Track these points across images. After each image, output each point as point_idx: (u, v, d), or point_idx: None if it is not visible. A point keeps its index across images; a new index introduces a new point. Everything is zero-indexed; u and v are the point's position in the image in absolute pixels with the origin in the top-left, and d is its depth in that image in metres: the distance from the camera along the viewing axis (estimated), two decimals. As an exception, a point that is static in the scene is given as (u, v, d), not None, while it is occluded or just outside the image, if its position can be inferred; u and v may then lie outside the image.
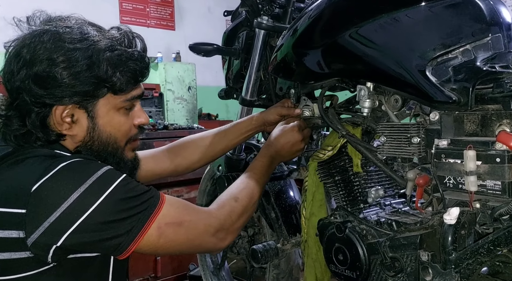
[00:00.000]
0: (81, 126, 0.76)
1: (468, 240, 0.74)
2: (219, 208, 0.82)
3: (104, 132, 0.77)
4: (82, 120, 0.75)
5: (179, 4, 4.74)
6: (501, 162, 0.65)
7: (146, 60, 0.80)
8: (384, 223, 0.87)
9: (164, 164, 1.07)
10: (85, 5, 3.45)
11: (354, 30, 0.86)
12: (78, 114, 0.75)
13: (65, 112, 0.74)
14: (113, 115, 0.77)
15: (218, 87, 1.58)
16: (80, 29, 0.74)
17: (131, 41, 0.78)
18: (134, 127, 0.82)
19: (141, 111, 0.83)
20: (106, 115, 0.76)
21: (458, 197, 0.72)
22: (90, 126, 0.76)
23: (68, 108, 0.74)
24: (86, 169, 0.69)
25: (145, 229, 0.69)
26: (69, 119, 0.74)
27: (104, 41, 0.74)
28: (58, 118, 0.73)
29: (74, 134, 0.76)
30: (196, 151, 1.09)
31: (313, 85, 1.02)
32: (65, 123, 0.74)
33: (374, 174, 1.00)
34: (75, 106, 0.74)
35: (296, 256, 1.35)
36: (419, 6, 0.80)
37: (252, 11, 1.22)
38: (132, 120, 0.81)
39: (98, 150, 0.78)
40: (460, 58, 0.76)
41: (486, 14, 0.77)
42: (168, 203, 0.73)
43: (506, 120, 0.70)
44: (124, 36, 0.77)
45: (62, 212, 0.65)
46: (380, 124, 0.88)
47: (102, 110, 0.76)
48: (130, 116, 0.81)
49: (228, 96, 1.46)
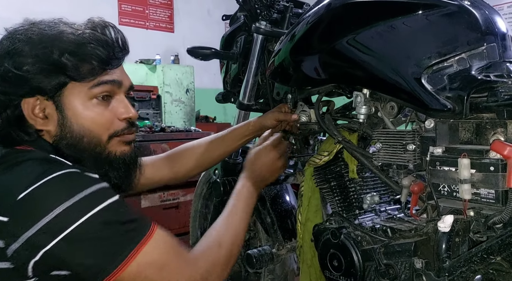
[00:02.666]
0: (53, 120, 0.73)
1: (462, 248, 0.75)
2: (204, 256, 0.75)
3: (75, 124, 0.73)
4: (53, 114, 0.73)
5: (178, 6, 4.75)
6: (495, 170, 0.65)
7: (114, 46, 0.75)
8: (379, 230, 0.87)
9: (163, 171, 1.06)
10: (84, 7, 3.45)
11: (351, 37, 0.86)
12: (48, 108, 0.73)
13: (36, 108, 0.72)
14: (85, 106, 0.73)
15: (216, 90, 1.59)
16: (49, 24, 0.73)
17: (103, 30, 0.75)
18: (120, 122, 0.77)
19: (123, 103, 0.77)
20: (77, 106, 0.73)
21: (452, 205, 0.72)
22: (59, 119, 0.73)
23: (38, 102, 0.72)
24: (78, 182, 0.66)
25: (126, 262, 0.64)
26: (41, 114, 0.72)
27: (64, 29, 0.72)
28: (29, 113, 0.72)
29: (49, 129, 0.73)
30: (194, 158, 1.09)
31: (310, 91, 1.03)
32: (38, 118, 0.72)
33: (370, 180, 1.01)
34: (42, 99, 0.72)
35: (291, 261, 1.35)
36: (415, 14, 0.81)
37: (250, 16, 1.22)
38: (115, 114, 0.77)
39: (73, 143, 0.73)
40: (455, 67, 0.76)
41: (481, 23, 0.78)
42: (156, 239, 0.68)
43: (500, 129, 0.71)
44: (94, 24, 0.75)
45: (44, 225, 0.62)
46: (376, 131, 0.89)
47: (69, 100, 0.73)
48: (110, 108, 0.76)
49: (225, 100, 1.46)
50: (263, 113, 1.17)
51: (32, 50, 0.70)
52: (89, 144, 0.75)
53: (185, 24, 4.77)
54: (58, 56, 0.70)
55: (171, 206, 2.15)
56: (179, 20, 4.75)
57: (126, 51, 0.78)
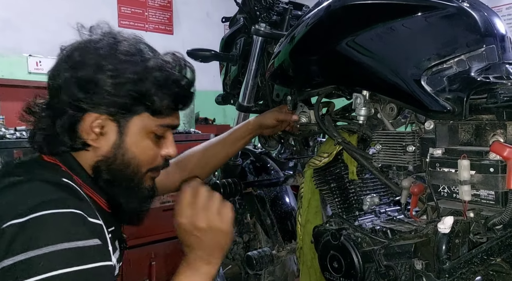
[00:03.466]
0: (107, 140, 0.72)
1: (462, 249, 0.75)
2: None
3: (129, 152, 0.73)
4: (110, 134, 0.72)
5: (177, 8, 4.75)
6: (495, 172, 0.65)
7: (191, 90, 0.78)
8: (379, 231, 0.87)
9: (174, 178, 1.04)
10: (84, 8, 3.45)
11: (351, 38, 0.86)
12: (109, 126, 0.72)
13: (96, 122, 0.71)
14: (143, 137, 0.74)
15: (215, 92, 1.59)
16: (135, 45, 0.73)
17: (182, 69, 0.77)
18: (160, 158, 0.78)
19: (171, 143, 0.79)
20: (136, 135, 0.73)
21: (452, 206, 0.72)
22: (116, 142, 0.73)
23: (101, 118, 0.71)
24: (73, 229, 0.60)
25: None
26: (97, 130, 0.71)
27: (155, 60, 0.73)
28: (87, 126, 0.71)
29: (99, 146, 0.72)
30: (200, 162, 1.09)
31: (309, 92, 1.03)
32: (93, 133, 0.71)
33: (370, 182, 1.01)
34: (108, 117, 0.71)
35: (291, 263, 1.35)
36: (414, 16, 0.81)
37: (250, 18, 1.23)
38: (160, 150, 0.77)
39: (118, 169, 0.73)
40: (454, 69, 0.77)
41: (480, 25, 0.78)
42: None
43: (500, 130, 0.71)
44: (176, 62, 0.77)
45: (21, 260, 0.56)
46: (375, 132, 0.89)
47: (133, 128, 0.73)
48: (159, 145, 0.77)
49: (225, 102, 1.46)
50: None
51: (123, 72, 0.70)
52: (132, 173, 0.75)
53: (184, 26, 4.77)
54: (148, 88, 0.71)
55: (172, 208, 2.14)
56: (178, 22, 4.75)
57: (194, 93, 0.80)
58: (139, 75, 0.71)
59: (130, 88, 0.70)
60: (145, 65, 0.72)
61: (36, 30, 3.13)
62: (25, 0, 3.18)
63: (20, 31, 3.12)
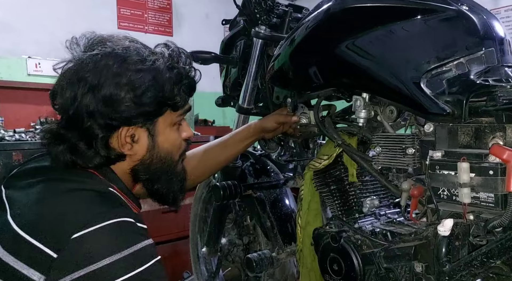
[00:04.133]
0: (141, 145, 0.75)
1: (462, 251, 0.75)
2: None
3: (163, 149, 0.77)
4: (142, 139, 0.75)
5: (177, 10, 4.76)
6: (494, 174, 0.65)
7: (196, 76, 0.82)
8: (379, 233, 0.87)
9: None
10: (84, 10, 3.45)
11: (351, 41, 0.87)
12: (139, 133, 0.75)
13: (128, 132, 0.73)
14: (170, 131, 0.78)
15: (214, 94, 1.59)
16: (136, 50, 0.74)
17: (179, 56, 0.79)
18: (183, 142, 0.83)
19: (187, 125, 0.84)
20: (164, 132, 0.77)
21: (452, 209, 0.72)
22: (150, 145, 0.76)
23: (131, 128, 0.73)
24: (129, 236, 0.66)
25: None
26: (129, 139, 0.74)
27: (161, 60, 0.75)
28: (123, 139, 0.73)
29: (134, 153, 0.75)
30: (200, 165, 1.10)
31: (309, 95, 1.03)
32: (127, 143, 0.74)
33: (370, 184, 1.01)
34: (138, 126, 0.74)
35: (291, 265, 1.35)
36: (414, 19, 0.82)
37: (250, 21, 1.23)
38: (181, 135, 0.82)
39: (156, 167, 0.77)
40: (454, 71, 0.77)
41: (479, 28, 0.79)
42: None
43: (499, 133, 0.71)
44: (173, 53, 0.79)
45: (88, 273, 0.61)
46: (375, 135, 0.89)
47: (161, 127, 0.77)
48: (180, 131, 0.82)
49: (225, 104, 1.46)
50: (263, 117, 1.17)
51: (142, 83, 0.71)
52: (168, 165, 0.79)
53: (184, 28, 4.78)
54: (170, 90, 0.74)
55: (170, 211, 2.14)
56: (178, 24, 4.76)
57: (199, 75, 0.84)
58: (156, 81, 0.73)
59: (152, 95, 0.72)
60: (157, 69, 0.73)
61: (35, 32, 3.13)
62: (24, 2, 3.18)
63: (19, 33, 3.12)
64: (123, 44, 0.75)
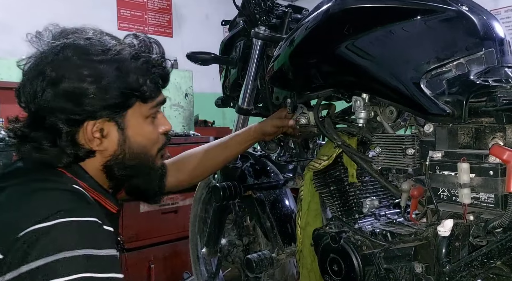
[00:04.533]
0: (111, 140, 0.72)
1: (462, 252, 0.74)
2: None
3: (135, 144, 0.74)
4: (112, 134, 0.72)
5: (177, 11, 4.76)
6: (494, 175, 0.65)
7: (167, 65, 0.78)
8: (379, 234, 0.87)
9: (170, 179, 1.03)
10: (84, 11, 3.45)
11: (350, 42, 0.87)
12: (108, 127, 0.72)
13: (94, 127, 0.70)
14: (142, 124, 0.75)
15: (214, 94, 1.59)
16: (100, 40, 0.72)
17: (150, 47, 0.77)
18: (161, 136, 0.80)
19: (164, 118, 0.81)
20: (136, 125, 0.74)
21: (452, 209, 0.72)
22: (121, 139, 0.73)
23: (98, 122, 0.71)
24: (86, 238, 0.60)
25: None
26: (98, 134, 0.71)
27: (126, 50, 0.72)
28: (89, 134, 0.70)
29: (104, 149, 0.72)
30: (197, 165, 1.09)
31: (309, 95, 1.03)
32: (96, 138, 0.71)
33: (369, 184, 1.01)
34: (104, 119, 0.71)
35: (291, 265, 1.34)
36: (414, 20, 0.82)
37: (249, 21, 1.23)
38: (158, 129, 0.79)
39: (130, 162, 0.75)
40: (454, 72, 0.77)
41: (479, 29, 0.79)
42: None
43: (499, 133, 0.71)
44: (142, 42, 0.76)
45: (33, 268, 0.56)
46: (375, 135, 0.89)
47: (131, 121, 0.73)
48: (155, 124, 0.79)
49: (225, 104, 1.46)
50: (262, 118, 1.17)
51: (105, 73, 0.68)
52: (144, 160, 0.76)
53: (184, 29, 4.78)
54: (135, 79, 0.71)
55: (170, 211, 2.14)
56: (178, 25, 4.76)
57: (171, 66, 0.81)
58: (120, 71, 0.70)
59: (117, 86, 0.69)
60: (120, 58, 0.70)
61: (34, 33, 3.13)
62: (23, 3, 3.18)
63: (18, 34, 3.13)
64: (86, 36, 0.72)
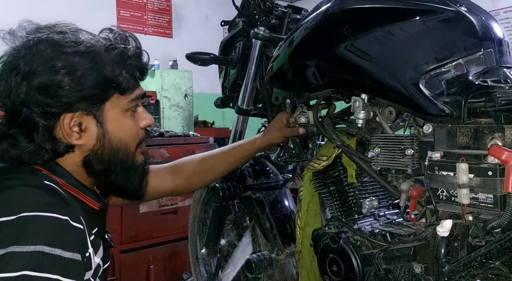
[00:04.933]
0: (90, 134, 0.72)
1: (461, 252, 0.75)
2: None
3: (114, 138, 0.74)
4: (91, 128, 0.72)
5: (176, 12, 4.77)
6: (493, 175, 0.65)
7: (144, 58, 0.78)
8: (378, 234, 0.87)
9: (166, 182, 1.04)
10: (83, 12, 3.46)
11: (349, 42, 0.87)
12: (86, 121, 0.71)
13: (72, 121, 0.70)
14: (121, 118, 0.74)
15: (214, 95, 1.59)
16: (74, 34, 0.71)
17: (125, 40, 0.76)
18: (141, 130, 0.79)
19: (145, 113, 0.80)
20: (115, 119, 0.73)
21: (451, 209, 0.72)
22: (99, 133, 0.72)
23: (76, 116, 0.70)
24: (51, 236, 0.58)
25: None
26: (77, 128, 0.70)
27: (101, 42, 0.72)
28: (67, 128, 0.69)
29: (83, 144, 0.72)
30: (197, 172, 1.06)
31: (308, 96, 1.03)
32: (74, 133, 0.70)
33: (369, 185, 1.01)
34: (82, 113, 0.70)
35: (290, 266, 1.34)
36: (413, 20, 0.82)
37: (249, 22, 1.23)
38: (139, 123, 0.78)
39: (109, 158, 0.74)
40: (453, 72, 0.77)
41: (478, 29, 0.79)
42: None
43: (498, 134, 0.71)
44: (118, 35, 0.76)
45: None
46: (374, 136, 0.89)
47: (110, 114, 0.73)
48: (135, 119, 0.78)
49: (224, 105, 1.46)
50: (262, 118, 1.17)
51: (79, 65, 0.68)
52: (123, 155, 0.75)
53: (184, 29, 4.78)
54: (110, 70, 0.70)
55: (170, 211, 2.14)
56: (178, 25, 4.77)
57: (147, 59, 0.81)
58: (94, 62, 0.69)
59: (92, 77, 0.69)
60: (95, 50, 0.70)
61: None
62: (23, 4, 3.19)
63: (19, 35, 3.12)
64: (59, 30, 0.72)
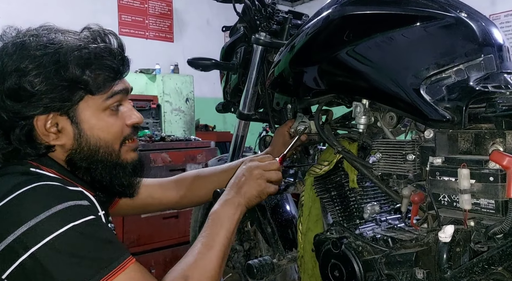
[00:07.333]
0: (67, 134, 0.73)
1: (463, 258, 0.74)
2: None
3: (92, 137, 0.74)
4: (67, 128, 0.73)
5: (178, 16, 4.79)
6: (495, 181, 0.65)
7: (121, 55, 0.76)
8: (380, 239, 0.87)
9: (171, 194, 1.04)
10: (85, 17, 3.48)
11: (350, 48, 0.87)
12: (62, 122, 0.72)
13: (48, 123, 0.71)
14: (98, 117, 0.74)
15: (215, 99, 1.59)
16: (47, 36, 0.72)
17: (104, 39, 0.75)
18: (127, 127, 0.78)
19: (131, 110, 0.79)
20: (91, 118, 0.73)
21: (453, 215, 0.72)
22: (76, 133, 0.73)
23: (50, 117, 0.71)
24: (55, 195, 0.65)
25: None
26: (54, 129, 0.72)
27: (72, 42, 0.72)
28: (42, 129, 0.71)
29: (63, 143, 0.73)
30: (203, 187, 1.06)
31: (309, 101, 1.04)
32: (51, 133, 0.72)
33: (370, 190, 1.01)
34: (56, 114, 0.71)
35: (292, 271, 1.34)
36: (413, 26, 0.82)
37: (250, 27, 1.24)
38: (123, 121, 0.77)
39: (89, 156, 0.74)
40: (453, 78, 0.77)
41: (478, 35, 0.79)
42: (132, 269, 0.67)
43: (499, 139, 0.71)
44: (94, 34, 0.75)
45: (18, 236, 0.61)
46: (375, 141, 0.89)
47: (85, 114, 0.73)
48: (120, 116, 0.77)
49: (225, 110, 1.47)
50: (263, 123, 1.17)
51: (45, 67, 0.69)
52: (105, 154, 0.76)
53: (185, 34, 4.80)
54: (75, 71, 0.70)
55: (171, 216, 2.14)
56: (179, 30, 4.79)
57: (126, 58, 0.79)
58: (60, 63, 0.69)
59: (58, 79, 0.69)
60: (62, 51, 0.70)
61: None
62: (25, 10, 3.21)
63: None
64: (34, 33, 0.73)
